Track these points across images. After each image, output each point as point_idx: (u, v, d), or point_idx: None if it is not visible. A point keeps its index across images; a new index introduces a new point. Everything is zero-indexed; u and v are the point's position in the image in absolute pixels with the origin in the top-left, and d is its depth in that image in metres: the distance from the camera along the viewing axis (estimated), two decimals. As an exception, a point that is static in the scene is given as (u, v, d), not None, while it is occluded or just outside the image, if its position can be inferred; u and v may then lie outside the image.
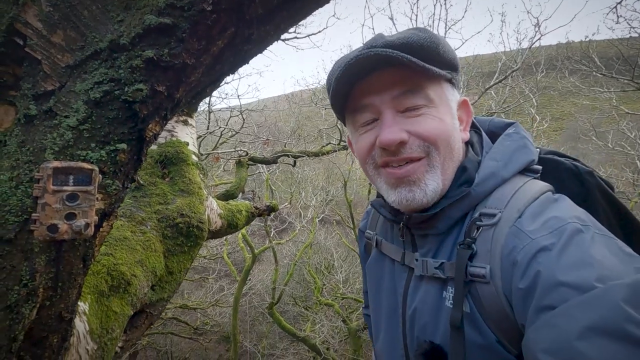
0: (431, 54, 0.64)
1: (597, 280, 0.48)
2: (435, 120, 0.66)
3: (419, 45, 0.63)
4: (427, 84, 0.66)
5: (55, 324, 0.81)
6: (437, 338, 0.65)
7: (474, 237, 0.62)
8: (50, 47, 0.72)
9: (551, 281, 0.51)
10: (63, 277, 0.77)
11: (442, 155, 0.66)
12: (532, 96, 8.78)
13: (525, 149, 0.70)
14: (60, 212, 0.66)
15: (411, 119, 0.66)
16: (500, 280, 0.58)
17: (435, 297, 0.67)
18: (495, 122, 0.79)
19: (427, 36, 0.64)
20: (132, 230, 1.44)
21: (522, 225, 0.59)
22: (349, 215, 10.34)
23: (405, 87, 0.65)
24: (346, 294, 10.17)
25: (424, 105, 0.66)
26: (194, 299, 10.39)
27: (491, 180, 0.67)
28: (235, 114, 7.63)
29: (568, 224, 0.55)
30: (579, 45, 9.73)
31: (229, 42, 0.86)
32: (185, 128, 2.03)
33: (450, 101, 0.69)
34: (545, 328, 0.49)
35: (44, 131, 0.72)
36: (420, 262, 0.69)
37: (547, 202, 0.61)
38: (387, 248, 0.81)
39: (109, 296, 1.18)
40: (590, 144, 11.56)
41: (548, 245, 0.54)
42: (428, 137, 0.65)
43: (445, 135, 0.66)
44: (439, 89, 0.68)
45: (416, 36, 0.63)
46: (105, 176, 0.79)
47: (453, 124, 0.69)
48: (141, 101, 0.78)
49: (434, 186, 0.66)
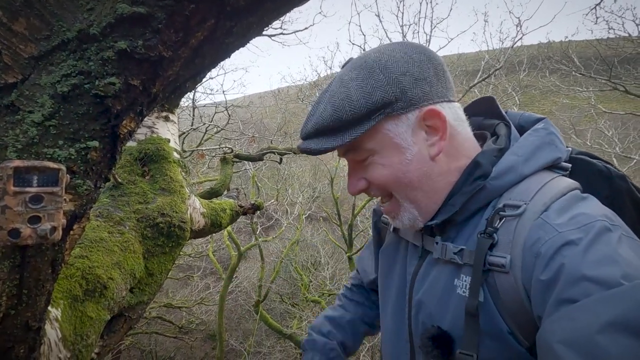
0: (340, 126, 0.67)
1: (623, 278, 0.48)
2: (380, 169, 0.70)
3: (326, 127, 0.68)
4: (360, 140, 0.68)
5: (21, 334, 0.76)
6: (445, 325, 0.65)
7: (496, 227, 0.62)
8: (11, 37, 0.66)
9: (575, 275, 0.51)
10: (29, 284, 0.72)
11: (402, 193, 0.70)
12: (514, 94, 8.96)
13: (551, 146, 0.69)
14: (23, 215, 0.61)
15: (365, 167, 0.72)
16: (520, 270, 0.57)
17: (446, 284, 0.67)
18: (526, 116, 0.79)
19: (331, 113, 0.67)
20: (109, 231, 1.38)
21: (549, 218, 0.58)
22: (335, 211, 10.35)
23: (344, 148, 0.71)
24: (333, 290, 10.19)
25: (367, 156, 0.70)
26: (179, 298, 10.23)
27: (509, 174, 0.66)
28: (220, 109, 7.50)
29: (597, 222, 0.55)
30: (559, 45, 9.98)
31: (209, 35, 0.82)
32: (167, 124, 1.96)
33: (394, 137, 0.68)
34: (565, 320, 0.49)
35: (4, 127, 0.66)
36: (440, 245, 0.70)
37: (575, 199, 0.61)
38: (406, 233, 0.81)
39: (84, 301, 1.12)
40: (569, 141, 11.88)
41: (575, 239, 0.54)
42: (379, 185, 0.71)
43: (392, 178, 0.69)
44: (376, 135, 0.68)
45: (322, 119, 0.68)
46: (75, 176, 0.74)
47: (403, 159, 0.69)
48: (114, 96, 0.73)
49: (409, 217, 0.72)
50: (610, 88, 8.12)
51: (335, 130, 0.68)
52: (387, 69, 0.67)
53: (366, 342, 7.93)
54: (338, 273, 11.20)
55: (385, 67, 0.67)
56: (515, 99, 8.92)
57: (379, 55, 0.69)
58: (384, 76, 0.66)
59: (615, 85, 7.79)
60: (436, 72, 0.70)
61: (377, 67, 0.67)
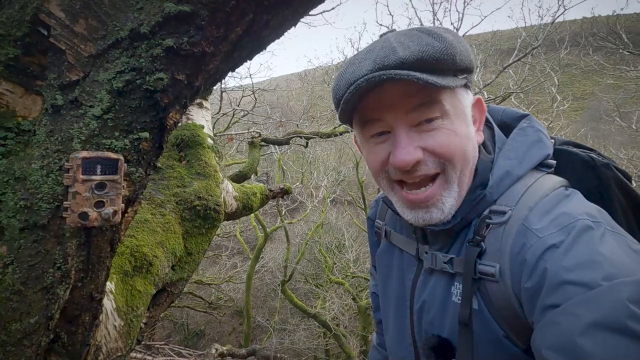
0: (447, 65, 0.61)
1: (604, 279, 0.48)
2: (450, 135, 0.63)
3: (435, 59, 0.59)
4: (442, 95, 0.63)
5: (86, 304, 0.86)
6: (445, 332, 0.66)
7: (483, 235, 0.62)
8: (73, 37, 0.73)
9: (557, 279, 0.51)
10: (93, 260, 0.81)
11: (459, 170, 0.65)
12: (553, 74, 8.45)
13: (540, 144, 0.68)
14: (90, 201, 0.68)
15: (425, 134, 0.64)
16: (510, 279, 0.58)
17: (443, 292, 0.67)
18: (509, 112, 0.77)
19: (443, 47, 0.60)
20: (152, 212, 1.48)
21: (530, 223, 0.58)
22: (360, 195, 10.37)
23: (419, 100, 0.62)
24: (356, 272, 10.34)
25: (438, 117, 0.63)
26: (209, 275, 10.73)
27: (506, 179, 0.65)
28: (247, 93, 7.59)
29: (577, 221, 0.55)
30: (606, 20, 9.23)
31: (247, 29, 0.85)
32: (200, 111, 2.04)
33: (465, 108, 0.67)
34: (550, 326, 0.50)
35: (70, 121, 0.73)
36: (430, 255, 0.70)
37: (557, 198, 0.60)
38: (397, 239, 0.82)
39: (133, 276, 1.23)
40: (612, 124, 11.14)
41: (556, 243, 0.54)
42: (443, 154, 0.63)
43: (460, 149, 0.64)
44: (453, 99, 0.65)
45: (432, 48, 0.59)
46: (129, 164, 0.81)
47: (468, 133, 0.66)
48: (162, 90, 0.79)
49: (451, 203, 0.65)
50: (662, 67, 7.48)
51: (437, 70, 0.60)
52: (464, 45, 0.65)
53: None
54: (362, 256, 11.31)
55: (463, 42, 0.65)
56: (554, 79, 8.42)
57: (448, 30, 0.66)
58: (466, 48, 0.65)
59: (668, 64, 7.16)
60: None
61: (458, 38, 0.65)
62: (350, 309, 10.38)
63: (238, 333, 12.57)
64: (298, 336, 10.76)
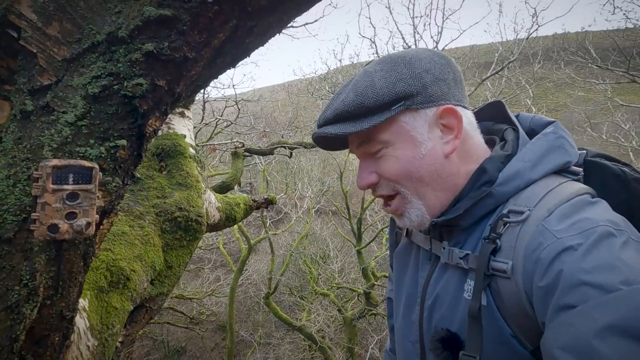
0: (361, 112, 0.68)
1: (623, 283, 0.48)
2: (391, 161, 0.70)
3: (347, 112, 0.69)
4: (377, 131, 0.70)
5: (56, 323, 0.80)
6: (454, 327, 0.66)
7: (500, 233, 0.63)
8: (45, 40, 0.69)
9: (574, 280, 0.51)
10: (64, 276, 0.76)
11: (412, 188, 0.71)
12: (528, 87, 8.78)
13: (561, 150, 0.68)
14: (61, 212, 0.64)
15: (377, 161, 0.73)
16: (521, 276, 0.58)
17: (456, 287, 0.68)
18: (536, 119, 0.78)
19: (351, 100, 0.68)
20: (130, 224, 1.42)
21: (549, 224, 0.58)
22: (344, 205, 10.37)
23: (359, 139, 0.73)
24: (341, 283, 10.25)
25: (380, 148, 0.71)
26: (190, 289, 10.42)
27: (515, 180, 0.66)
28: (230, 104, 7.54)
29: (599, 227, 0.54)
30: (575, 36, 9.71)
31: (231, 35, 0.84)
32: (182, 120, 1.99)
33: (411, 130, 0.70)
34: (564, 326, 0.50)
35: (41, 127, 0.69)
36: (447, 250, 0.71)
37: (580, 204, 0.60)
38: (417, 237, 0.83)
39: (109, 292, 1.17)
40: (584, 135, 11.62)
41: (574, 245, 0.54)
42: (389, 178, 0.71)
43: (404, 171, 0.70)
44: (393, 127, 0.70)
45: (343, 104, 0.69)
46: (105, 173, 0.77)
47: (417, 153, 0.70)
48: (141, 96, 0.76)
49: (417, 214, 0.72)
50: (628, 80, 7.89)
51: (355, 117, 0.69)
52: (411, 64, 0.70)
53: (375, 335, 7.99)
54: (347, 266, 11.25)
55: (410, 63, 0.70)
56: (529, 91, 8.74)
57: (404, 53, 0.72)
58: (408, 70, 0.69)
59: (633, 78, 7.56)
60: (455, 77, 0.72)
61: (402, 61, 0.70)
62: (336, 320, 10.26)
63: (221, 349, 12.18)
64: (283, 350, 10.53)
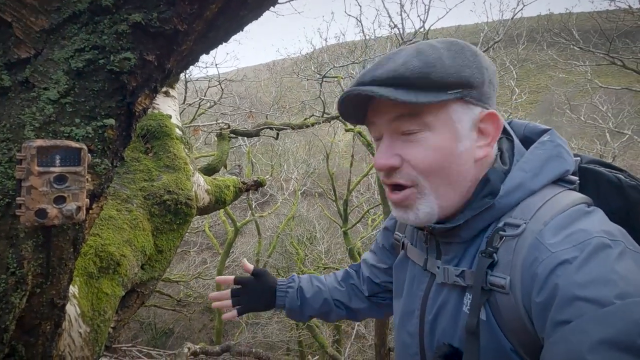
0: (422, 83, 0.62)
1: (617, 297, 0.48)
2: (428, 150, 0.65)
3: (405, 78, 0.62)
4: (425, 109, 0.64)
5: (47, 311, 0.77)
6: (456, 342, 0.66)
7: (496, 247, 0.61)
8: (20, 8, 0.63)
9: (569, 295, 0.50)
10: (53, 263, 0.72)
11: (434, 183, 0.66)
12: (512, 68, 8.86)
13: (559, 159, 0.67)
14: (48, 196, 0.60)
15: (407, 144, 0.66)
16: (520, 292, 0.57)
17: (455, 303, 0.67)
18: (530, 127, 0.76)
19: (417, 66, 0.62)
20: (118, 208, 1.37)
21: (544, 237, 0.57)
22: (330, 187, 10.40)
23: (401, 111, 0.65)
24: (328, 264, 10.41)
25: (419, 130, 0.65)
26: (177, 272, 10.38)
27: (518, 192, 0.65)
28: (213, 83, 7.31)
29: (593, 238, 0.53)
30: (559, 17, 9.77)
31: (224, 7, 0.79)
32: (167, 100, 1.91)
33: (457, 122, 0.65)
34: (560, 342, 0.49)
35: (21, 105, 0.64)
36: (442, 269, 0.69)
37: (576, 215, 0.59)
38: (412, 252, 0.81)
39: (99, 278, 1.14)
40: (564, 116, 11.91)
41: (569, 258, 0.53)
42: (417, 166, 0.66)
43: (437, 164, 0.65)
44: (441, 113, 0.64)
45: (404, 68, 0.62)
46: (93, 155, 0.72)
47: (455, 148, 0.65)
48: (129, 72, 0.71)
49: (427, 211, 0.67)
50: (608, 62, 8.06)
51: (411, 86, 0.63)
52: (478, 55, 0.66)
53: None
54: (333, 247, 11.41)
55: (476, 54, 0.67)
56: (513, 73, 8.83)
57: (465, 43, 0.68)
58: (475, 60, 0.65)
59: (612, 60, 7.73)
60: (494, 86, 0.70)
61: (468, 49, 0.66)
62: (323, 299, 10.46)
63: (209, 329, 12.32)
64: (271, 329, 10.72)
